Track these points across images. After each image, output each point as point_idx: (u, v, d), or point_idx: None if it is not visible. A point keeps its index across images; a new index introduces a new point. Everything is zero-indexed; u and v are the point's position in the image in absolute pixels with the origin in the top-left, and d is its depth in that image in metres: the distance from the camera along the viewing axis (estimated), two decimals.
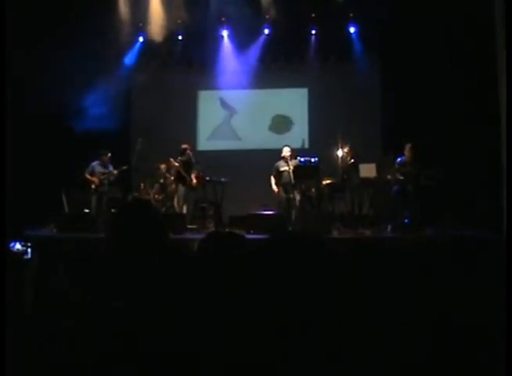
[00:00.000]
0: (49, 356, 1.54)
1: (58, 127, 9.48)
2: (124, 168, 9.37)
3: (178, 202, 9.39)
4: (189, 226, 8.83)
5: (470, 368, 1.74)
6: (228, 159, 10.87)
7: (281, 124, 11.91)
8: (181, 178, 9.27)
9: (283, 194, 8.99)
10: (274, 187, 9.04)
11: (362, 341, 1.58)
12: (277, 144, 11.43)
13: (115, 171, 9.29)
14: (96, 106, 9.76)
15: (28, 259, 4.59)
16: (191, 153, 9.45)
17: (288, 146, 9.25)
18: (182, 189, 9.32)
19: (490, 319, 2.03)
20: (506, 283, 2.40)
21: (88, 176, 9.22)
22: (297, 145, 8.84)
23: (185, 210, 9.32)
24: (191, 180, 9.22)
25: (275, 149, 11.15)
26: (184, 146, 9.46)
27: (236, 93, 11.59)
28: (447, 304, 2.18)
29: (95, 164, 9.30)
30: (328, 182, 8.86)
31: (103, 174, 9.26)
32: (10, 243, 4.55)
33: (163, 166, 9.71)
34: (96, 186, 9.16)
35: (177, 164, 9.24)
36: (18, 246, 4.63)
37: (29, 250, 4.67)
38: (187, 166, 9.30)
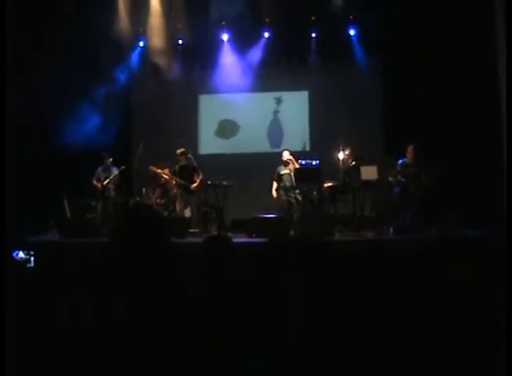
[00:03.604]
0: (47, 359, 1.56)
1: (58, 132, 9.47)
2: (123, 167, 9.43)
3: (179, 206, 9.36)
4: (192, 230, 8.82)
5: (472, 367, 1.75)
6: (230, 162, 10.87)
7: (227, 128, 11.89)
8: (178, 183, 9.24)
9: (284, 197, 8.99)
10: (274, 193, 9.05)
11: (363, 343, 1.59)
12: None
13: (116, 172, 9.36)
14: (97, 111, 9.78)
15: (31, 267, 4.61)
16: (187, 157, 9.36)
17: (287, 150, 9.29)
18: (181, 193, 9.29)
19: (491, 318, 2.03)
20: (507, 283, 2.40)
21: (94, 182, 9.33)
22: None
23: (186, 214, 9.29)
24: (189, 184, 9.17)
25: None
26: (179, 150, 9.30)
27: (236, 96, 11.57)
28: (450, 304, 2.19)
29: (99, 169, 9.39)
30: (329, 184, 8.85)
31: (106, 178, 9.32)
32: (13, 251, 4.57)
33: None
34: (100, 191, 9.20)
35: (159, 170, 9.18)
36: (21, 254, 4.65)
37: (32, 258, 4.68)
38: (185, 171, 9.25)
